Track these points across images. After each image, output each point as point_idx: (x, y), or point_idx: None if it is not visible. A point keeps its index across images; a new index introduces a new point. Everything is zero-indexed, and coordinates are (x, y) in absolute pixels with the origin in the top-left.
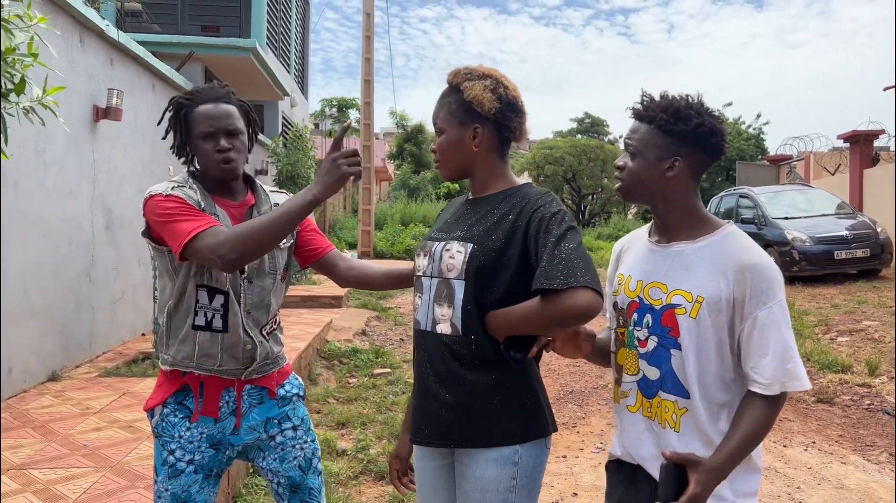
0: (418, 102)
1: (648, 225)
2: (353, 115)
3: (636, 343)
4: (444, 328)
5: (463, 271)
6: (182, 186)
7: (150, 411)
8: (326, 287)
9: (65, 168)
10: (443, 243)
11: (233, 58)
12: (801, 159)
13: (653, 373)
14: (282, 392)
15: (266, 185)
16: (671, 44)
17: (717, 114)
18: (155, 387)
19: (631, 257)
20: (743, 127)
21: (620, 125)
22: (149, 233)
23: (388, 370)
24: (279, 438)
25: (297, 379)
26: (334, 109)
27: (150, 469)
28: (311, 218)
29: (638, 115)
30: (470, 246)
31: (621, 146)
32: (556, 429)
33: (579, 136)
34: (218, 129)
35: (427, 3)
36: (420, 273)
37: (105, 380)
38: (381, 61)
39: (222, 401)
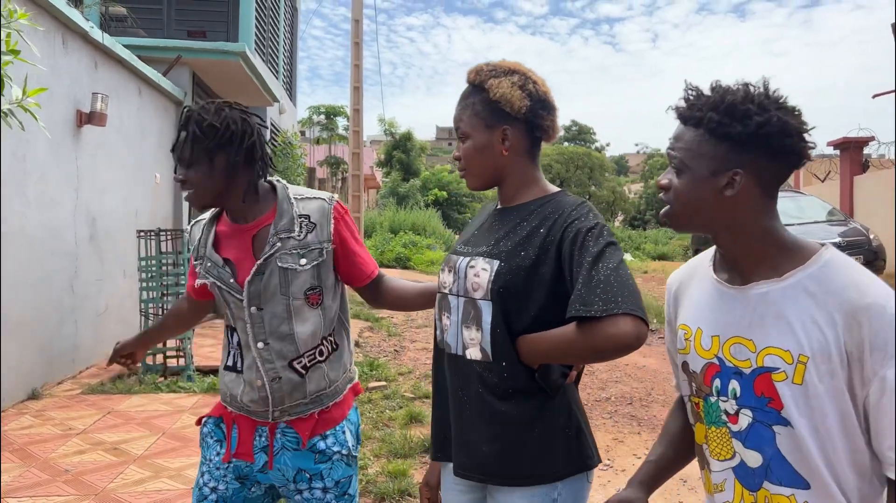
0: (405, 110)
1: (708, 253)
2: (342, 122)
3: (724, 418)
4: (473, 353)
5: (488, 291)
6: (204, 222)
7: (197, 424)
8: None
9: (46, 175)
10: (468, 258)
11: (221, 62)
12: None
13: (753, 459)
14: (321, 445)
15: (300, 189)
16: (656, 53)
17: (790, 106)
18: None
19: (694, 301)
20: None
21: (607, 133)
22: None
23: (383, 383)
24: (305, 494)
25: (345, 432)
26: (322, 116)
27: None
28: (354, 236)
29: (682, 115)
30: (496, 263)
31: (608, 154)
32: (599, 461)
33: (567, 143)
34: (177, 159)
35: (414, 10)
36: (446, 290)
37: (89, 397)
38: (368, 69)
39: (256, 439)
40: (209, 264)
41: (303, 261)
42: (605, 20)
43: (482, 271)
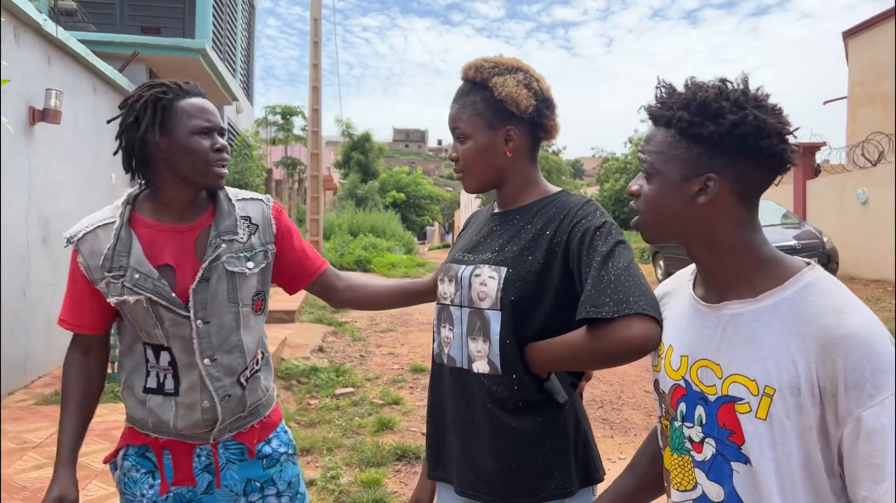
0: (362, 111)
1: (693, 266)
2: (298, 122)
3: (687, 445)
4: (480, 366)
5: (498, 300)
6: (100, 228)
7: (112, 462)
8: (279, 300)
9: None
10: (471, 267)
11: (180, 59)
12: None
13: (715, 492)
14: (267, 450)
15: (234, 189)
16: (610, 57)
17: (770, 104)
18: (121, 436)
19: (670, 316)
20: None
21: (562, 136)
22: None
23: (350, 390)
24: None
25: (286, 432)
26: (278, 116)
27: None
28: (298, 234)
29: (653, 115)
30: (503, 270)
31: (565, 157)
32: (604, 474)
33: None
34: (214, 126)
35: (370, 11)
36: (447, 301)
37: (43, 408)
38: (324, 69)
39: (195, 460)
40: (137, 276)
41: (250, 264)
42: (560, 24)
43: (489, 279)
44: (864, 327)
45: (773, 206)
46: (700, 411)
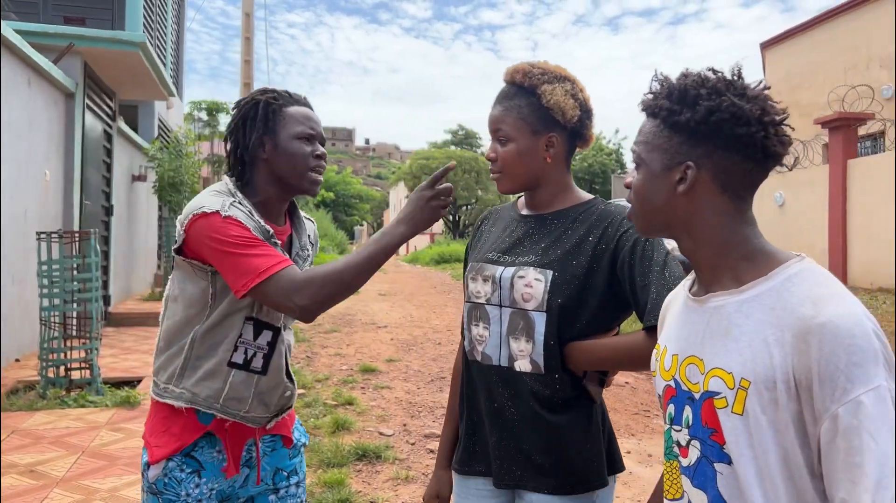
0: None
1: None
2: (224, 119)
3: (675, 450)
4: (523, 365)
5: (544, 302)
6: (235, 204)
7: (153, 463)
8: None
9: None
10: (513, 269)
11: (117, 52)
12: None
13: (699, 500)
14: (294, 438)
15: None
16: (535, 61)
17: (756, 93)
18: (157, 431)
19: (669, 318)
20: (604, 142)
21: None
22: (183, 250)
23: (302, 391)
24: (282, 492)
25: (301, 424)
26: (203, 112)
27: None
28: None
29: (644, 106)
30: (549, 273)
31: None
32: (624, 466)
33: (454, 147)
34: (317, 134)
35: (295, 7)
36: (481, 300)
37: None
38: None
39: (244, 453)
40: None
41: None
42: (487, 27)
43: (535, 282)
44: (843, 317)
45: None
46: (688, 412)
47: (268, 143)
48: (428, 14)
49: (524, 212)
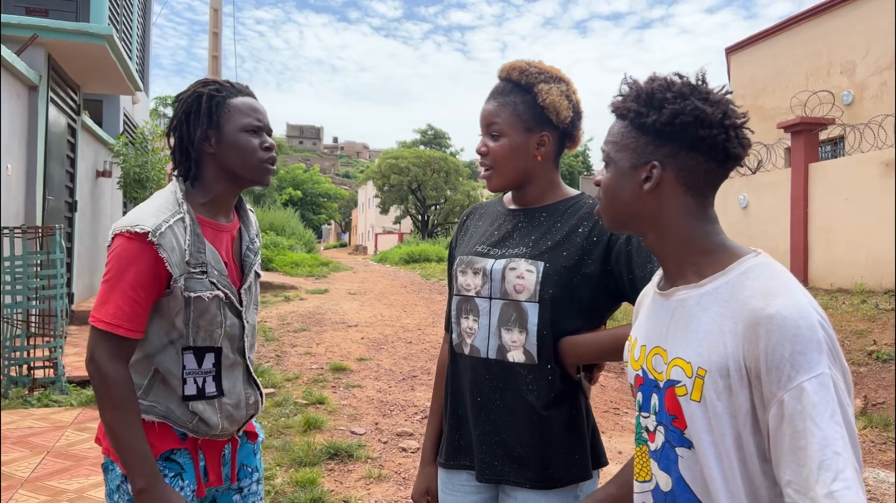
0: None
1: None
2: None
3: (644, 435)
4: (516, 356)
5: (536, 293)
6: (175, 224)
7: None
8: None
9: None
10: (504, 261)
11: (83, 45)
12: None
13: (665, 482)
14: (257, 432)
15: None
16: (504, 62)
17: (719, 97)
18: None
19: (643, 310)
20: None
21: (459, 138)
22: None
23: (271, 390)
24: (245, 491)
25: (256, 421)
26: (169, 108)
27: None
28: None
29: (614, 108)
30: (541, 264)
31: (463, 158)
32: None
33: (423, 147)
34: (264, 125)
35: (264, 4)
36: (472, 293)
37: None
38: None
39: (222, 459)
40: (217, 273)
41: (258, 267)
42: (457, 27)
43: (527, 273)
44: (789, 308)
45: None
46: (654, 399)
47: (213, 136)
48: (398, 13)
49: (512, 206)
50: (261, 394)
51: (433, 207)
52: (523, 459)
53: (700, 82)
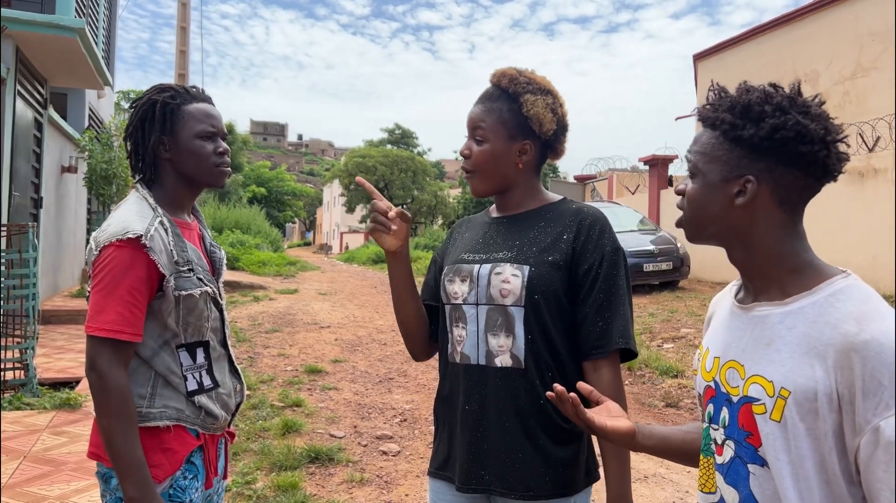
0: (218, 101)
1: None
2: None
3: (712, 447)
4: (503, 361)
5: (522, 297)
6: (158, 226)
7: (158, 482)
8: None
9: None
10: (489, 265)
11: (53, 37)
12: (606, 179)
13: (731, 497)
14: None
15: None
16: (472, 63)
17: (817, 111)
18: (148, 449)
19: (715, 322)
20: None
21: (426, 138)
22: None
23: (247, 392)
24: (219, 490)
25: None
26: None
27: None
28: None
29: (701, 116)
30: (526, 268)
31: (430, 157)
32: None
33: (390, 146)
34: (218, 130)
35: None
36: (459, 301)
37: None
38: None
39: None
40: (201, 269)
41: (225, 259)
42: (425, 27)
43: (512, 277)
44: (885, 334)
45: (630, 213)
46: (725, 413)
47: (168, 143)
48: (366, 11)
49: (495, 214)
50: (242, 384)
51: (401, 206)
52: (511, 468)
53: (796, 95)
